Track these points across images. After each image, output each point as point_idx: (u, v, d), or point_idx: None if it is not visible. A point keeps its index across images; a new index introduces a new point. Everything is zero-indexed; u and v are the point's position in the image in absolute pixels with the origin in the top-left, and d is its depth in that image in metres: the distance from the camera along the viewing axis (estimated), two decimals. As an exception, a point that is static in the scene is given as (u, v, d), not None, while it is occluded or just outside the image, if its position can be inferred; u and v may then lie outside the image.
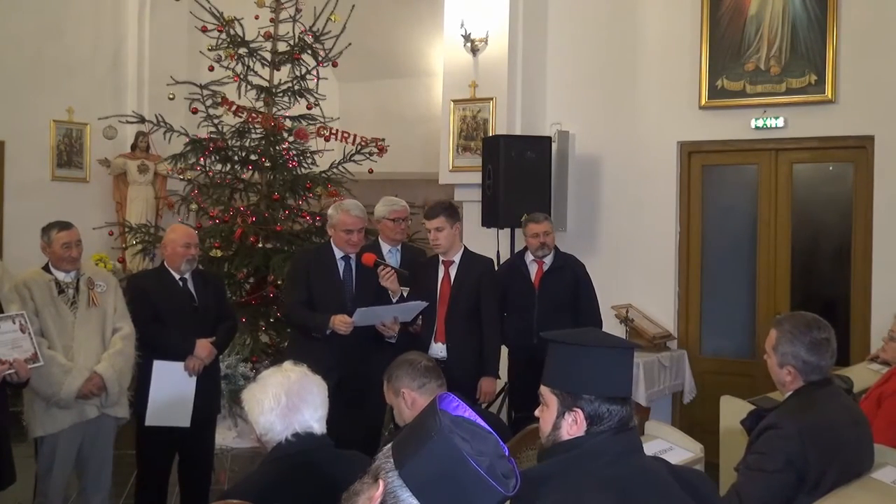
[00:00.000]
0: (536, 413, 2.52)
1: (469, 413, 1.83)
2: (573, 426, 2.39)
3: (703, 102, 7.83)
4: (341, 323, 5.38)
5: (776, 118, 7.55)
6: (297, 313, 5.65)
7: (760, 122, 7.61)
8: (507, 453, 1.80)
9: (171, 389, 5.37)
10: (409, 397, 3.73)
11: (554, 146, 8.11)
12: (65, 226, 5.07)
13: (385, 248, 6.24)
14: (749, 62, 7.64)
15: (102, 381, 4.95)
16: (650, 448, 3.59)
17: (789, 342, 3.47)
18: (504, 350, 6.63)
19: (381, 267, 5.63)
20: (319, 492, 2.91)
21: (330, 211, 5.80)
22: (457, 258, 5.81)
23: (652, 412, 7.29)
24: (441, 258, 5.84)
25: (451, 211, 5.84)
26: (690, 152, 8.06)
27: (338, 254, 5.67)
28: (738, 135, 7.75)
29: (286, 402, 3.07)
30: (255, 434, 3.14)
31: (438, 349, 5.67)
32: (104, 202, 9.98)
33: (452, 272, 5.79)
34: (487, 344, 5.71)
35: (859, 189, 7.42)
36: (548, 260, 6.55)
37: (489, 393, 5.71)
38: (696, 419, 7.59)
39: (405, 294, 5.73)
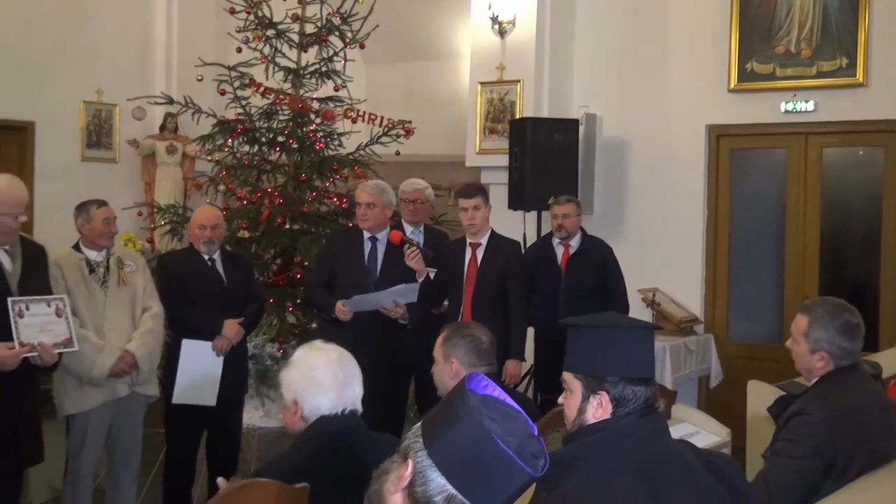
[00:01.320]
0: (560, 400, 2.52)
1: (498, 392, 1.83)
2: (598, 409, 2.39)
3: (732, 85, 7.78)
4: (340, 311, 5.49)
5: (806, 102, 7.49)
6: (310, 294, 5.78)
7: (790, 106, 7.55)
8: (536, 433, 1.81)
9: (199, 368, 5.41)
10: (455, 368, 3.74)
11: (581, 129, 8.08)
12: (102, 203, 5.13)
13: (407, 229, 6.26)
14: (779, 45, 7.58)
15: (134, 360, 5.00)
16: (677, 431, 3.59)
17: (823, 328, 3.45)
18: (530, 332, 6.63)
19: (407, 245, 5.64)
20: (351, 472, 2.92)
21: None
22: (484, 240, 5.80)
23: (678, 396, 7.28)
24: (468, 240, 5.83)
25: (486, 193, 5.89)
26: (719, 136, 8.01)
27: (365, 234, 5.71)
28: (767, 118, 7.69)
29: (343, 377, 3.09)
30: (298, 414, 3.13)
31: None
32: (133, 183, 10.04)
33: (479, 254, 5.79)
34: (513, 327, 5.70)
35: (889, 173, 7.36)
36: (574, 243, 6.54)
37: (514, 375, 5.71)
38: (723, 403, 7.56)
39: (431, 276, 5.73)
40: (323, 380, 3.07)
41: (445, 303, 5.89)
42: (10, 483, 4.43)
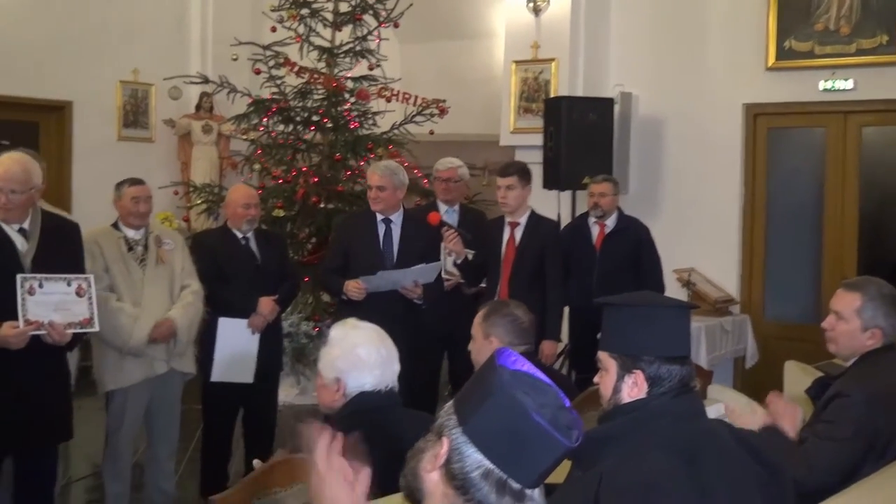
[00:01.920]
0: (596, 379, 2.51)
1: (528, 367, 1.84)
2: (634, 388, 2.38)
3: (770, 64, 7.70)
4: (354, 289, 5.33)
5: (845, 80, 7.40)
6: (323, 279, 5.68)
7: (829, 84, 7.47)
8: (568, 404, 1.81)
9: (235, 346, 5.45)
10: (495, 347, 3.74)
11: (616, 108, 8.03)
12: (136, 181, 5.15)
13: (442, 208, 6.26)
14: (818, 22, 7.48)
15: (174, 327, 5.04)
16: (713, 412, 3.57)
17: (877, 306, 3.42)
18: (565, 312, 6.63)
19: (446, 228, 5.61)
20: (388, 450, 2.93)
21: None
22: (523, 220, 5.79)
23: (714, 377, 7.24)
24: (507, 219, 5.82)
25: (525, 172, 5.84)
26: (756, 115, 7.93)
27: (378, 217, 5.57)
28: (805, 97, 7.61)
29: (386, 355, 3.10)
30: (340, 391, 3.13)
31: None
32: (169, 162, 10.11)
33: (518, 234, 5.78)
34: (551, 307, 5.69)
35: (930, 153, 7.26)
36: (610, 222, 6.52)
37: (550, 356, 5.70)
38: (759, 384, 7.50)
39: (470, 257, 5.72)
40: (367, 358, 3.07)
41: (482, 283, 5.88)
42: (45, 460, 4.49)
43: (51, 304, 4.15)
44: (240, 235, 5.58)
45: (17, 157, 4.21)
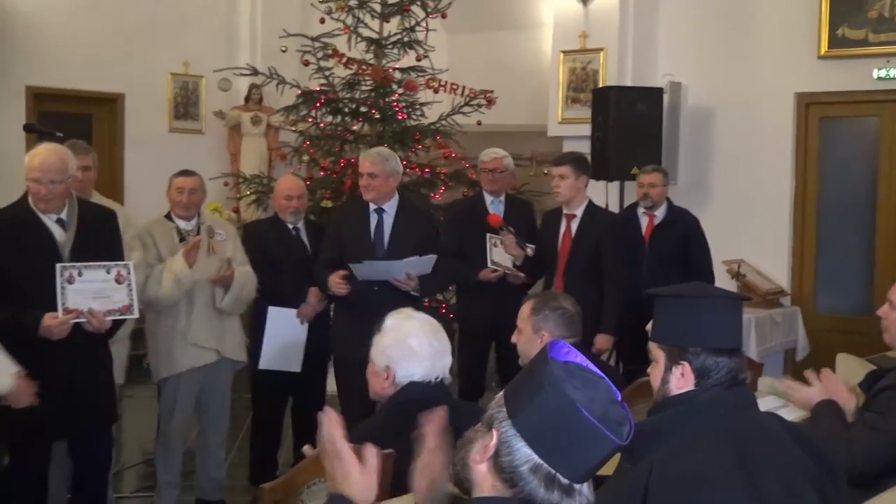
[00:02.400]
0: (649, 370, 2.50)
1: (580, 359, 1.83)
2: (681, 380, 2.37)
3: (822, 52, 7.58)
4: (336, 284, 5.12)
5: (900, 68, 7.28)
6: (314, 272, 5.42)
7: (883, 73, 7.35)
8: (619, 398, 1.80)
9: (284, 335, 5.51)
10: (546, 341, 3.74)
11: (665, 97, 7.96)
12: (185, 173, 5.24)
13: (488, 199, 6.25)
14: (872, 10, 7.36)
15: (233, 274, 5.14)
16: (764, 404, 3.54)
17: None
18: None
19: (505, 231, 5.60)
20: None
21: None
22: (579, 212, 5.72)
23: (764, 369, 7.18)
24: (564, 211, 5.77)
25: (581, 163, 5.75)
26: (808, 104, 7.83)
27: (371, 206, 5.35)
28: (858, 86, 7.49)
29: (438, 347, 3.12)
30: (389, 380, 3.14)
31: None
32: (219, 153, 10.20)
33: (574, 226, 5.72)
34: (607, 300, 5.61)
35: None
36: (659, 213, 6.47)
37: (603, 350, 5.67)
38: (809, 377, 7.44)
39: (530, 252, 5.70)
40: (419, 348, 3.10)
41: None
42: (100, 443, 4.56)
43: (90, 292, 4.16)
44: (290, 226, 5.63)
45: (53, 148, 4.24)
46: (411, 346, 3.10)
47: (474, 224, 5.99)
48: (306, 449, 3.02)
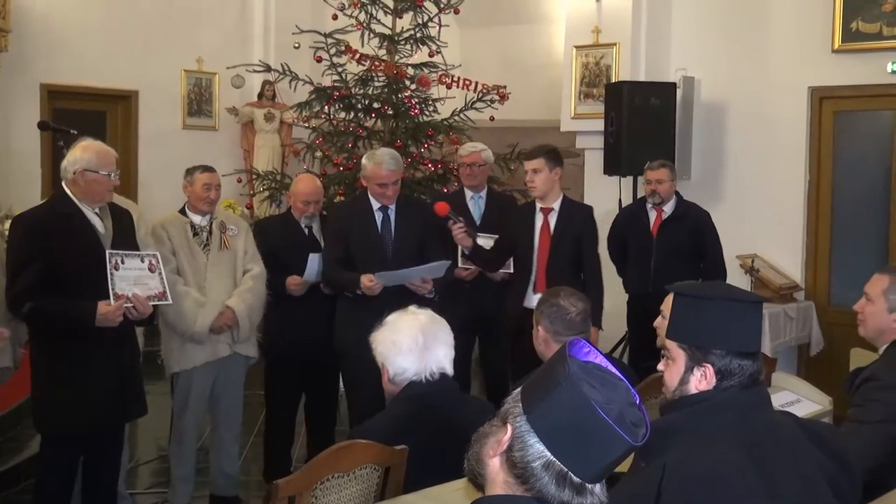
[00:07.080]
0: (660, 367, 2.46)
1: (600, 359, 1.82)
2: (702, 381, 2.32)
3: (836, 46, 7.54)
4: (370, 285, 5.06)
5: (915, 62, 7.24)
6: (330, 273, 5.38)
7: (898, 67, 7.30)
8: (637, 401, 1.80)
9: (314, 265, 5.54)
10: (542, 335, 3.77)
11: (679, 92, 7.94)
12: (208, 168, 5.31)
13: (468, 194, 6.22)
14: (886, 3, 7.31)
15: (234, 315, 5.15)
16: (777, 400, 3.55)
17: None
18: (623, 298, 6.60)
19: (452, 221, 5.37)
20: (443, 434, 2.96)
21: (363, 160, 5.44)
22: (556, 206, 5.46)
23: (777, 364, 7.17)
24: (539, 205, 5.50)
25: (553, 155, 5.45)
26: (822, 98, 7.78)
27: (375, 204, 5.35)
28: (873, 79, 7.44)
29: (423, 341, 3.14)
30: (386, 376, 3.21)
31: (537, 299, 5.59)
32: (232, 150, 10.24)
33: (552, 220, 5.46)
34: (590, 294, 5.56)
35: None
36: (668, 208, 6.47)
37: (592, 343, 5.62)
38: (824, 372, 7.42)
39: (483, 243, 5.60)
40: (402, 343, 3.15)
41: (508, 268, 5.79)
42: (118, 435, 4.66)
43: (131, 278, 4.33)
44: (303, 225, 5.67)
45: (100, 143, 4.47)
46: (396, 342, 3.16)
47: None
48: None
